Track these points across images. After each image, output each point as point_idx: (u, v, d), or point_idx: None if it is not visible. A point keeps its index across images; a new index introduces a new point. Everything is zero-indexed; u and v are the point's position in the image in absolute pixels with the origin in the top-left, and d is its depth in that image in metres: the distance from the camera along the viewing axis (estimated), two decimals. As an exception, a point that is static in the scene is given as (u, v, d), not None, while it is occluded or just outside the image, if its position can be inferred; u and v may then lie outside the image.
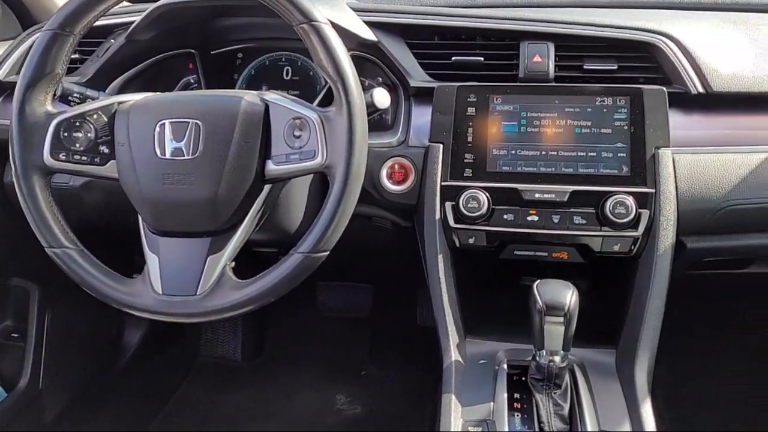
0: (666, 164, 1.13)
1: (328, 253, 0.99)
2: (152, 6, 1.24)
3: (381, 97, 1.09)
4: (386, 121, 1.31)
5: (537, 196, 1.15)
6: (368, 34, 1.26)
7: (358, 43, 1.26)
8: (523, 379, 1.09)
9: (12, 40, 1.51)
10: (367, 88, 1.08)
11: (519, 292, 1.14)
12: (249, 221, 1.05)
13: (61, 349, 1.73)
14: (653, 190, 1.13)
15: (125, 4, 1.44)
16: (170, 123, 1.01)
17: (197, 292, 1.01)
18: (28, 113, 1.03)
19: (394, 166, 1.24)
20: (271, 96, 1.04)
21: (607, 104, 1.17)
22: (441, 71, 1.26)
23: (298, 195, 1.20)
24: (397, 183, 1.24)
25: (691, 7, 1.43)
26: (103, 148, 1.07)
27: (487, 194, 1.16)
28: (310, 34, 0.97)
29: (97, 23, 1.07)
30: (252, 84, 1.42)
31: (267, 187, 1.06)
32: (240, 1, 1.26)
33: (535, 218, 1.15)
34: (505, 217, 1.16)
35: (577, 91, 1.19)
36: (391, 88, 1.29)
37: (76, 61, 1.40)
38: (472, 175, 1.18)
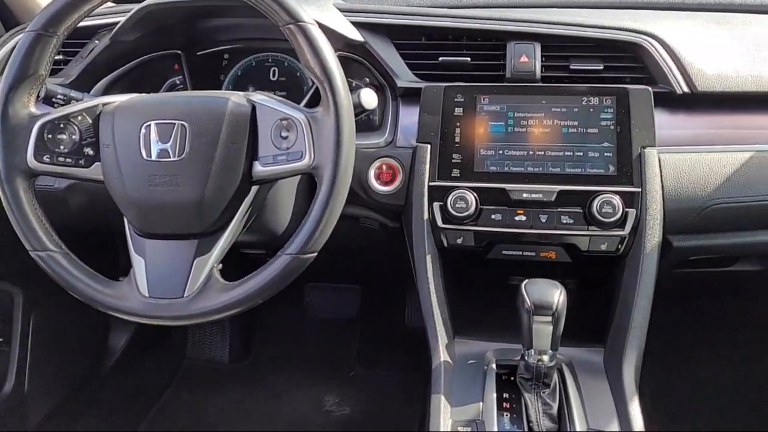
0: (652, 164, 1.14)
1: (315, 255, 0.98)
2: (137, 7, 1.24)
3: (368, 98, 1.09)
4: (374, 122, 1.31)
5: (524, 195, 1.15)
6: (355, 35, 1.26)
7: (345, 43, 1.26)
8: (512, 378, 1.10)
9: (-6, 41, 1.50)
10: (355, 89, 1.08)
11: (507, 292, 1.14)
12: (236, 223, 1.05)
13: (46, 352, 1.72)
14: (639, 190, 1.13)
15: (109, 4, 1.42)
16: (156, 124, 1.00)
17: (184, 295, 1.00)
18: (11, 115, 1.02)
19: (382, 167, 1.24)
20: (258, 97, 1.03)
21: (594, 104, 1.17)
22: (428, 71, 1.26)
23: (286, 196, 1.20)
24: (384, 183, 1.24)
25: (676, 7, 1.45)
26: (88, 150, 1.06)
27: (475, 194, 1.16)
28: (296, 34, 0.97)
29: (81, 24, 1.06)
30: (238, 85, 1.42)
31: (254, 189, 1.05)
32: (226, 2, 1.25)
33: (523, 218, 1.16)
34: (493, 217, 1.16)
35: (563, 91, 1.19)
36: (379, 89, 1.29)
37: (60, 62, 1.39)
38: (460, 176, 1.18)
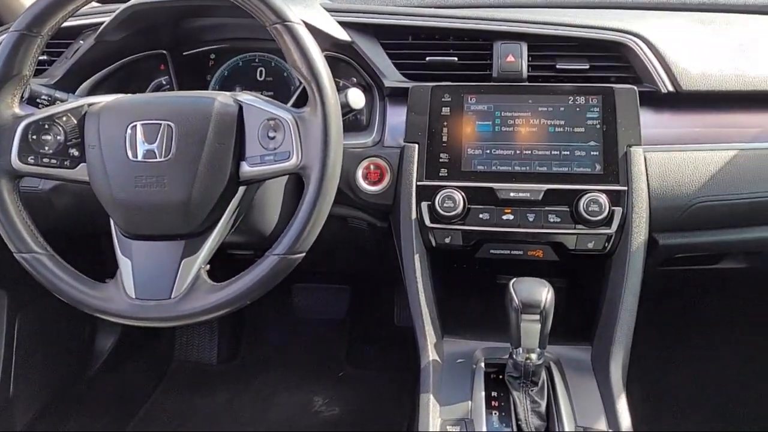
0: (638, 162, 1.15)
1: (304, 255, 0.98)
2: (122, 6, 1.23)
3: (355, 98, 1.09)
4: (361, 122, 1.30)
5: (512, 195, 1.16)
6: (342, 35, 1.26)
7: (332, 43, 1.25)
8: (501, 377, 1.10)
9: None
10: (342, 89, 1.08)
11: (495, 291, 1.15)
12: (224, 223, 1.04)
13: (31, 355, 1.70)
14: (626, 188, 1.14)
15: (94, 4, 1.42)
16: (142, 125, 1.00)
17: (171, 296, 1.00)
18: None
19: (370, 167, 1.24)
20: (245, 97, 1.03)
21: (580, 103, 1.18)
22: (415, 71, 1.26)
23: (274, 196, 1.19)
24: (372, 183, 1.24)
25: (661, 7, 1.46)
26: (73, 151, 1.05)
27: (463, 194, 1.16)
28: (283, 34, 0.97)
29: (66, 24, 1.05)
30: (225, 85, 1.41)
31: (242, 189, 1.05)
32: (212, 2, 1.24)
33: (511, 217, 1.16)
34: (481, 216, 1.17)
35: (550, 90, 1.20)
36: (366, 89, 1.29)
37: (44, 63, 1.38)
38: (448, 175, 1.18)
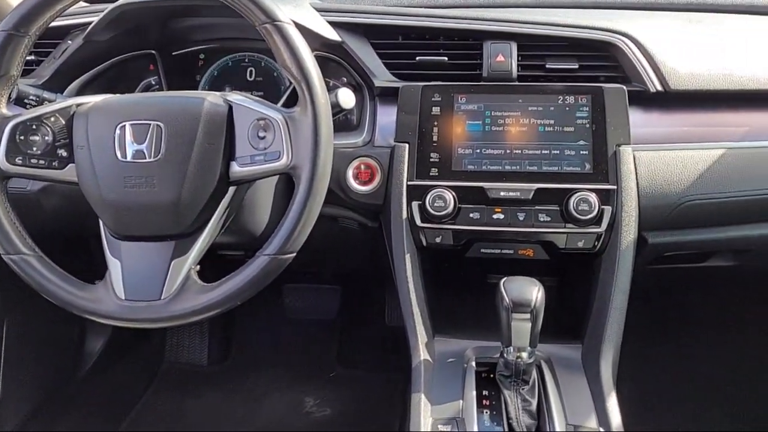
0: (627, 161, 1.15)
1: (294, 255, 0.98)
2: (110, 6, 1.22)
3: (346, 97, 1.09)
4: (351, 122, 1.30)
5: (502, 194, 1.16)
6: (332, 34, 1.26)
7: (322, 43, 1.25)
8: (492, 376, 1.10)
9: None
10: (332, 89, 1.07)
11: (486, 290, 1.15)
12: (214, 224, 1.04)
13: (20, 358, 1.69)
14: (615, 187, 1.15)
15: (82, 4, 1.41)
16: (131, 125, 0.99)
17: (161, 297, 1.00)
18: None
19: (360, 167, 1.24)
20: (235, 97, 1.02)
21: (569, 103, 1.18)
22: (405, 71, 1.26)
23: (264, 197, 1.19)
24: (363, 183, 1.24)
25: (650, 7, 1.46)
26: (62, 152, 1.04)
27: (453, 193, 1.16)
28: (273, 34, 0.97)
29: (54, 24, 1.05)
30: (215, 85, 1.40)
31: (232, 189, 1.05)
32: (201, 1, 1.24)
33: (501, 216, 1.16)
34: (471, 215, 1.17)
35: (539, 90, 1.20)
36: (356, 89, 1.29)
37: (32, 63, 1.37)
38: (438, 175, 1.19)
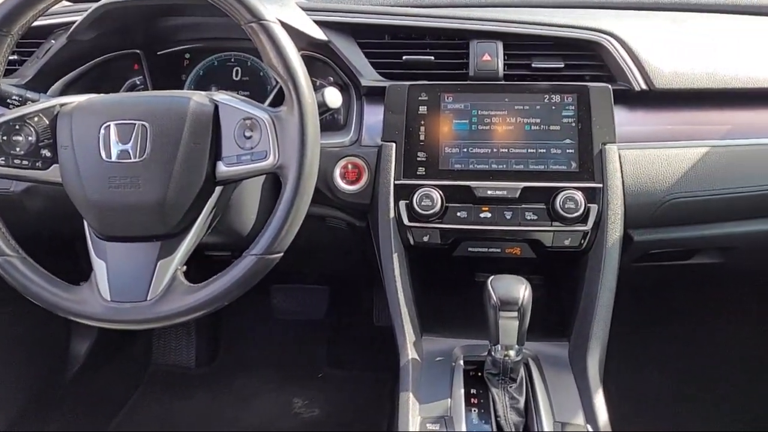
0: (612, 159, 1.16)
1: (282, 255, 0.98)
2: (94, 5, 1.21)
3: (332, 97, 1.09)
4: (338, 121, 1.30)
5: (489, 193, 1.16)
6: (318, 34, 1.25)
7: (309, 42, 1.25)
8: (480, 374, 1.11)
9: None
10: (319, 88, 1.07)
11: (473, 289, 1.15)
12: (200, 224, 1.03)
13: (6, 360, 1.67)
14: (601, 185, 1.15)
15: (65, 3, 1.40)
16: (115, 125, 0.99)
17: (147, 298, 0.99)
18: None
19: (348, 166, 1.24)
20: (221, 96, 1.02)
21: (555, 102, 1.19)
22: (392, 70, 1.26)
23: (251, 196, 1.19)
24: (350, 183, 1.24)
25: (634, 6, 1.47)
26: (45, 152, 1.03)
27: (441, 192, 1.16)
28: (259, 33, 0.96)
29: (37, 23, 1.04)
30: (200, 85, 1.40)
31: (218, 189, 1.04)
32: (186, 0, 1.23)
33: (488, 215, 1.17)
34: (459, 214, 1.17)
35: (525, 89, 1.21)
36: (343, 88, 1.28)
37: (15, 63, 1.35)
38: (425, 174, 1.19)
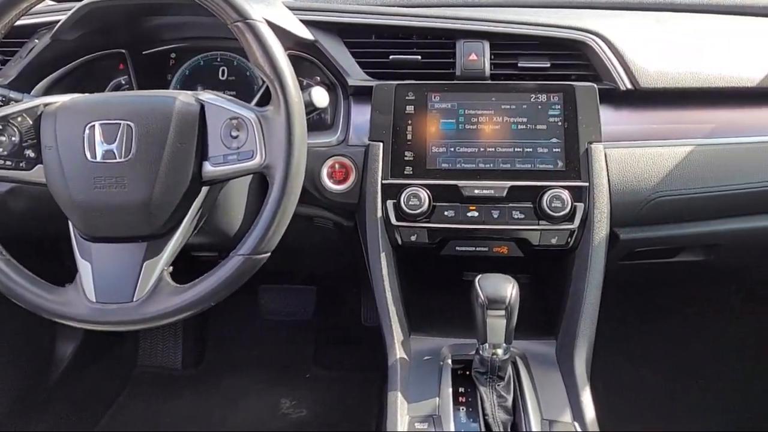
0: (598, 158, 1.17)
1: (269, 255, 0.97)
2: (78, 4, 1.20)
3: (319, 96, 1.08)
4: (325, 121, 1.30)
5: (476, 192, 1.17)
6: (305, 33, 1.25)
7: (295, 42, 1.25)
8: (468, 373, 1.11)
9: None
10: (305, 88, 1.07)
11: (461, 288, 1.15)
12: (186, 224, 1.03)
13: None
14: (587, 184, 1.16)
15: (49, 2, 1.38)
16: (100, 125, 0.98)
17: (133, 299, 0.98)
18: None
19: (335, 166, 1.23)
20: (207, 96, 1.02)
21: (542, 101, 1.20)
22: (379, 70, 1.26)
23: (238, 197, 1.18)
24: (337, 182, 1.24)
25: (619, 6, 1.48)
26: (29, 152, 1.02)
27: (428, 191, 1.17)
28: (245, 32, 0.96)
29: (20, 22, 1.03)
30: (186, 85, 1.39)
31: (205, 189, 1.04)
32: None
33: (475, 214, 1.17)
34: (446, 213, 1.17)
35: (512, 88, 1.21)
36: (330, 88, 1.28)
37: (-3, 62, 1.34)
38: (413, 173, 1.19)
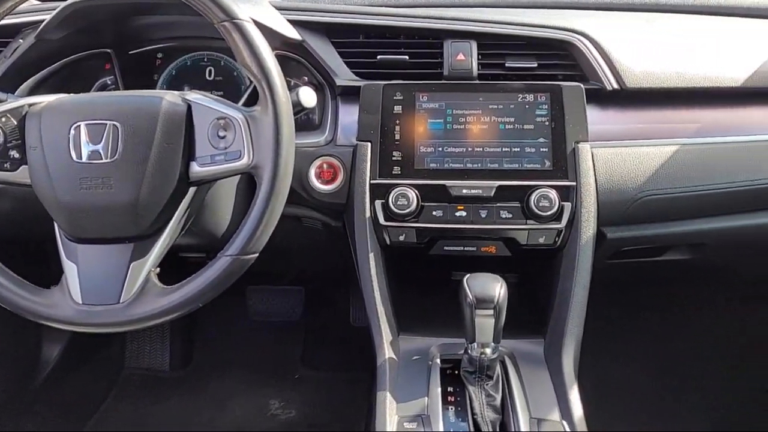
0: (585, 158, 1.17)
1: (257, 256, 0.97)
2: (63, 4, 1.19)
3: (307, 96, 1.08)
4: (313, 121, 1.30)
5: (464, 191, 1.17)
6: (293, 33, 1.25)
7: (283, 41, 1.24)
8: (456, 372, 1.11)
9: None
10: (293, 88, 1.07)
11: (450, 288, 1.16)
12: (174, 225, 1.02)
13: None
14: (574, 183, 1.17)
15: (34, 1, 1.37)
16: (86, 125, 0.97)
17: (120, 300, 0.98)
18: None
19: (323, 166, 1.23)
20: (194, 96, 1.01)
21: (529, 101, 1.20)
22: (367, 70, 1.26)
23: (225, 197, 1.18)
24: (326, 182, 1.23)
25: (605, 7, 1.49)
26: (14, 153, 1.02)
27: (416, 191, 1.17)
28: (232, 32, 0.96)
29: (4, 22, 1.03)
30: (173, 85, 1.38)
31: (192, 190, 1.03)
32: None
33: (463, 213, 1.17)
34: (434, 213, 1.17)
35: (499, 88, 1.22)
36: (318, 88, 1.28)
37: (-19, 62, 1.33)
38: (401, 173, 1.19)
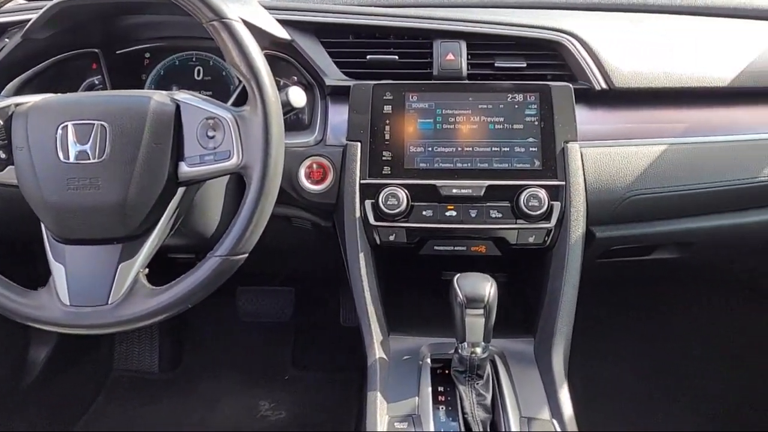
0: (574, 158, 1.18)
1: (246, 256, 0.97)
2: (49, 3, 1.18)
3: (296, 96, 1.08)
4: (303, 121, 1.29)
5: (454, 191, 1.17)
6: (282, 33, 1.24)
7: (272, 41, 1.24)
8: (447, 372, 1.11)
9: None
10: (282, 87, 1.07)
11: (440, 287, 1.16)
12: (162, 226, 1.02)
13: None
14: (563, 183, 1.17)
15: (20, 1, 1.36)
16: (73, 125, 0.97)
17: (109, 302, 0.97)
18: None
19: (313, 166, 1.23)
20: (182, 96, 1.01)
21: (518, 101, 1.20)
22: (356, 70, 1.26)
23: (214, 197, 1.17)
24: (315, 182, 1.23)
25: (594, 7, 1.49)
26: (0, 153, 1.00)
27: (406, 191, 1.17)
28: (220, 31, 0.95)
29: (-11, 20, 1.01)
30: (161, 85, 1.37)
31: (181, 190, 1.03)
32: None
33: (453, 213, 1.18)
34: (424, 213, 1.18)
35: (489, 88, 1.22)
36: (307, 88, 1.27)
37: (-33, 62, 1.31)
38: (391, 173, 1.19)
